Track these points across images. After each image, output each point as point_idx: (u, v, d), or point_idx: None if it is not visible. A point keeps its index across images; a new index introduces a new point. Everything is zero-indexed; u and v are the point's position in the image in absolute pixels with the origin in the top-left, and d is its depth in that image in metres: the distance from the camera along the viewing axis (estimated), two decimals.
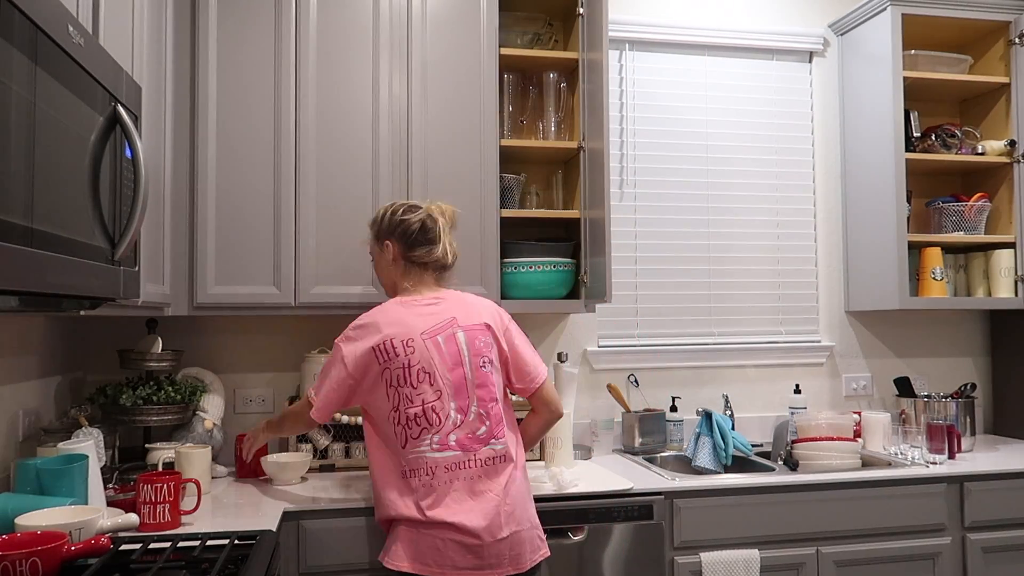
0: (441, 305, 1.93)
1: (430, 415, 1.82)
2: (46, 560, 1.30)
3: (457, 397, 1.84)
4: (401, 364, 1.84)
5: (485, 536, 1.77)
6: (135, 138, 1.44)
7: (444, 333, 1.88)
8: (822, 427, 2.52)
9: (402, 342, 1.85)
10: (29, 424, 2.02)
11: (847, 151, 3.09)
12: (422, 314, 1.90)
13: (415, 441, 1.82)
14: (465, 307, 1.94)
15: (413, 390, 1.83)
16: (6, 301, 1.24)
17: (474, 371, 1.87)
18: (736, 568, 2.20)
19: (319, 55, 2.37)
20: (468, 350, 1.88)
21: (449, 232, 2.03)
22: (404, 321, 1.88)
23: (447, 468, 1.80)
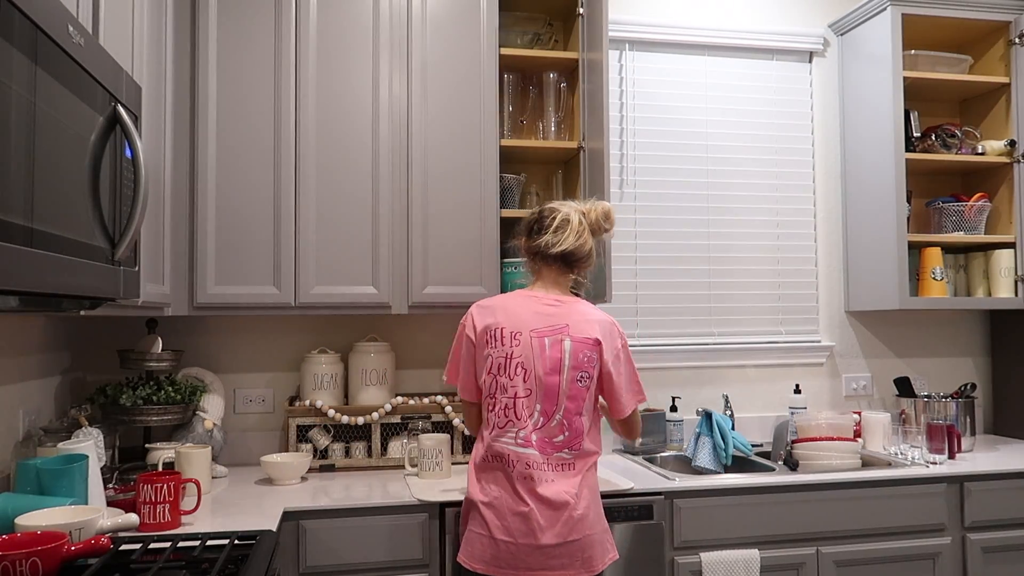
0: (560, 308, 1.91)
1: (519, 409, 1.85)
2: (46, 560, 1.30)
3: (545, 400, 1.85)
4: (504, 354, 1.87)
5: (549, 538, 1.78)
6: (135, 138, 1.44)
7: (553, 337, 1.88)
8: (822, 427, 2.52)
9: (511, 333, 1.88)
10: (29, 424, 2.02)
11: (847, 151, 3.09)
12: (538, 312, 1.90)
13: (500, 430, 1.85)
14: (582, 317, 1.91)
15: (509, 380, 1.86)
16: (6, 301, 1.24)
17: (569, 383, 1.87)
18: (736, 568, 2.20)
19: (319, 55, 2.37)
20: (570, 360, 1.87)
21: (578, 226, 1.95)
22: (519, 314, 1.90)
23: (527, 464, 1.82)
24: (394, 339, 2.73)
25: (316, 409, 2.45)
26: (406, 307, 2.40)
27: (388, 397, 2.56)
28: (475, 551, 1.81)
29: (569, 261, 1.95)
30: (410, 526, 2.06)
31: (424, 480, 2.30)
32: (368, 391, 2.53)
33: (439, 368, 2.77)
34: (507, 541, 1.78)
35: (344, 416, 2.46)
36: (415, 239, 2.40)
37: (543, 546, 1.77)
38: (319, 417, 2.46)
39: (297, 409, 2.46)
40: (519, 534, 1.78)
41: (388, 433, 2.54)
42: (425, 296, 2.40)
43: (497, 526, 1.79)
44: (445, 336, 2.77)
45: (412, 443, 2.42)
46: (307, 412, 2.46)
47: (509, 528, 1.79)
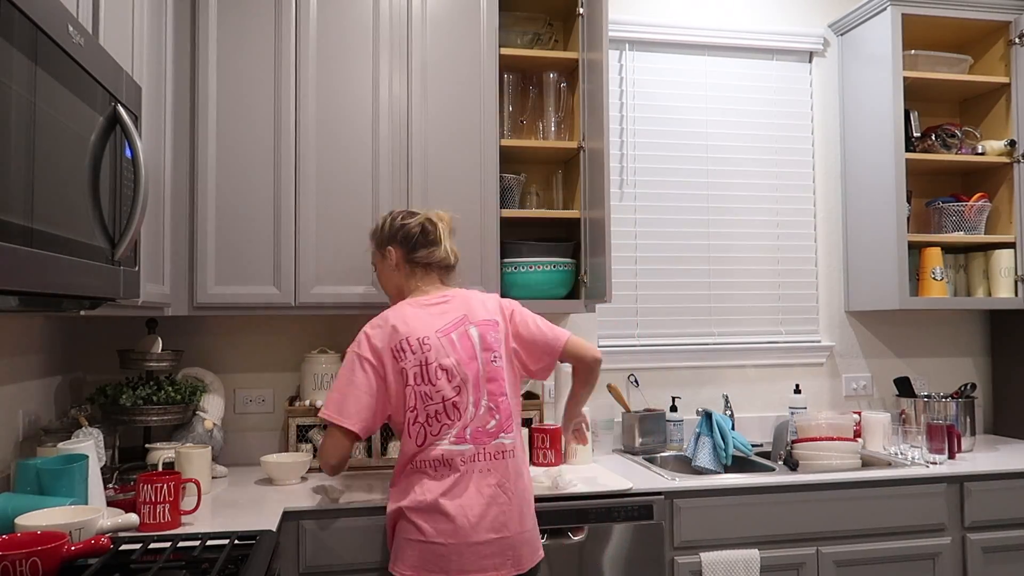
0: (451, 303, 1.97)
1: (451, 410, 1.85)
2: (46, 560, 1.30)
3: (474, 391, 1.87)
4: (419, 361, 1.86)
5: (484, 534, 1.78)
6: (135, 138, 1.44)
7: (458, 330, 1.91)
8: (822, 427, 2.52)
9: (418, 340, 1.88)
10: (29, 424, 2.02)
11: (847, 151, 3.09)
12: (433, 313, 1.93)
13: (435, 437, 1.84)
14: (473, 303, 1.97)
15: (432, 387, 1.85)
16: (6, 301, 1.24)
17: (485, 365, 1.90)
18: (736, 568, 2.20)
19: (319, 55, 2.37)
20: (480, 344, 1.91)
21: (449, 236, 2.07)
22: (418, 319, 1.91)
23: (463, 461, 1.82)
24: None
25: (316, 409, 2.45)
26: None
27: None
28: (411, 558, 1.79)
29: (452, 269, 2.08)
30: None
31: None
32: None
33: None
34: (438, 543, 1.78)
35: None
36: None
37: (470, 543, 1.77)
38: (319, 417, 2.46)
39: (297, 409, 2.46)
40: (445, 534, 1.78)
41: (388, 433, 2.54)
42: None
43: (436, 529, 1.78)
44: None
45: None
46: (307, 412, 2.46)
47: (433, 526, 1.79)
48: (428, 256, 2.03)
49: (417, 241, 2.03)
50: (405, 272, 2.05)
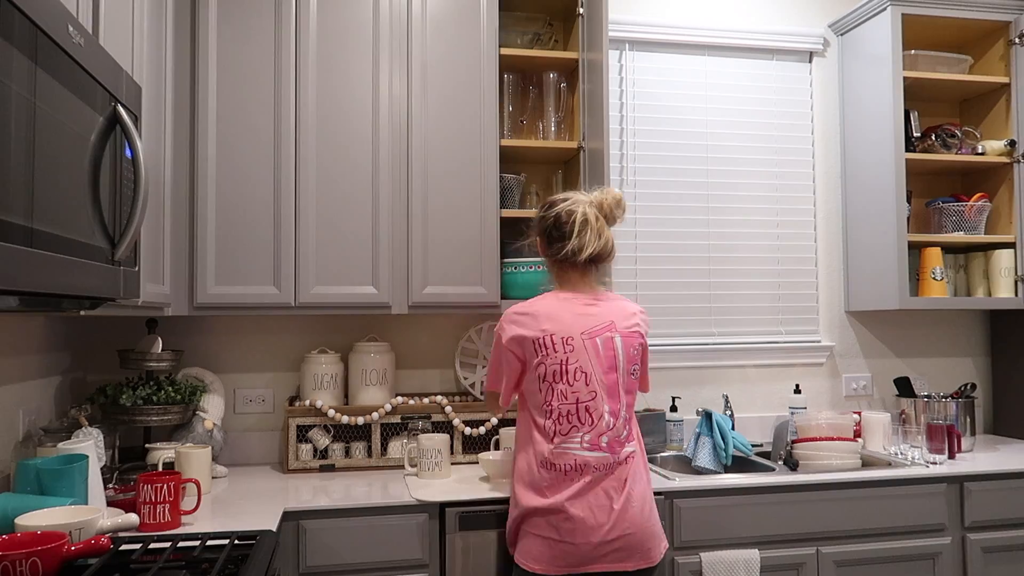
0: (600, 307, 1.92)
1: (583, 414, 1.84)
2: (46, 560, 1.30)
3: (610, 400, 1.87)
4: (559, 360, 1.85)
5: (611, 533, 1.81)
6: (135, 138, 1.44)
7: (603, 336, 1.89)
8: (822, 427, 2.52)
9: (562, 339, 1.86)
10: (29, 424, 2.02)
11: (847, 151, 3.09)
12: (582, 313, 1.89)
13: (563, 437, 1.84)
14: (621, 312, 1.94)
15: (568, 387, 1.84)
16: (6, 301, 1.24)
17: (626, 377, 1.90)
18: (736, 568, 2.20)
19: (319, 55, 2.37)
20: (623, 356, 1.89)
21: (596, 223, 1.91)
22: (563, 318, 1.88)
23: (596, 468, 1.83)
24: (394, 339, 2.73)
25: (316, 409, 2.45)
26: (406, 307, 2.40)
27: (388, 397, 2.56)
28: (541, 554, 1.82)
29: (596, 262, 1.95)
30: (410, 526, 2.06)
31: (424, 480, 2.30)
32: (368, 391, 2.53)
33: (439, 368, 2.76)
34: (568, 543, 1.80)
35: (344, 416, 2.46)
36: (415, 239, 2.40)
37: (601, 542, 1.80)
38: (319, 417, 2.46)
39: (297, 409, 2.46)
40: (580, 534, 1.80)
41: (388, 433, 2.54)
42: (425, 296, 2.40)
43: (563, 529, 1.80)
44: (445, 336, 2.77)
45: (412, 443, 2.42)
46: (307, 412, 2.46)
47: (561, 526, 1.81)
48: (559, 251, 1.93)
49: (551, 235, 1.95)
50: (549, 264, 1.99)
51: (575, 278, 1.96)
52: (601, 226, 1.92)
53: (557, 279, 1.98)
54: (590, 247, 1.90)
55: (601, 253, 1.92)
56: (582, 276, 1.96)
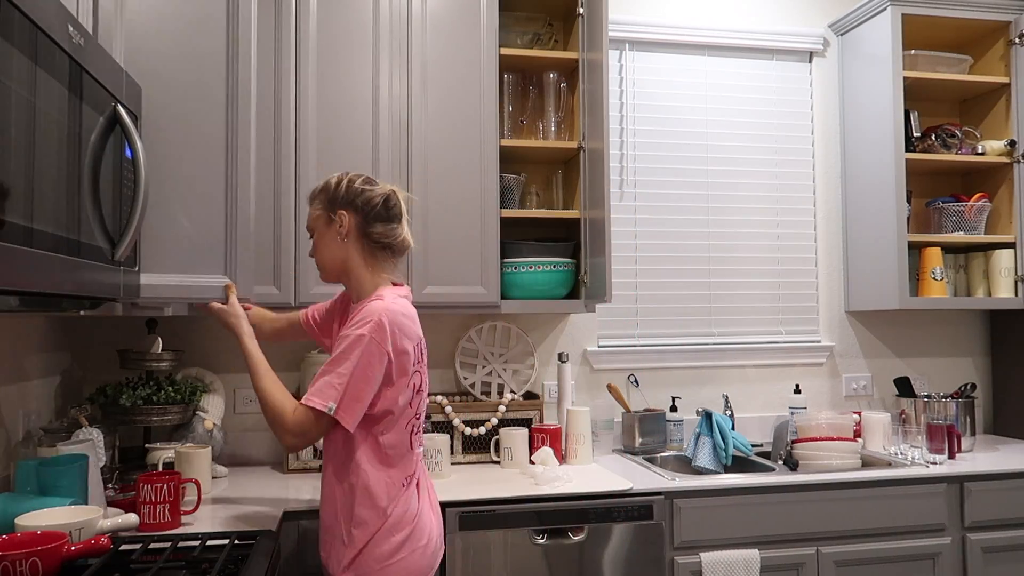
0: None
1: (422, 416, 1.83)
2: (46, 560, 1.30)
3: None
4: (422, 370, 1.78)
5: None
6: (135, 138, 1.44)
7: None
8: (822, 427, 2.52)
9: (422, 347, 1.79)
10: (29, 424, 2.01)
11: (847, 151, 3.09)
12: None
13: (421, 447, 1.83)
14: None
15: (422, 398, 1.80)
16: (6, 301, 1.24)
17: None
18: (736, 568, 2.20)
19: (319, 55, 2.37)
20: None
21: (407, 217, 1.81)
22: (417, 320, 1.77)
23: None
24: None
25: None
26: None
27: None
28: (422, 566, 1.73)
29: (404, 251, 1.81)
30: None
31: None
32: None
33: (439, 368, 2.76)
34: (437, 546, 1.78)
35: None
36: (414, 239, 2.40)
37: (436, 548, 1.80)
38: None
39: None
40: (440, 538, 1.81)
41: None
42: (425, 296, 2.40)
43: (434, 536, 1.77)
44: (445, 336, 2.76)
45: None
46: None
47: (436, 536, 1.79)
48: (388, 233, 1.74)
49: (377, 213, 1.72)
50: (357, 248, 1.73)
51: (392, 270, 1.79)
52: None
53: (370, 265, 1.75)
54: (411, 237, 1.80)
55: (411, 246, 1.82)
56: (394, 264, 1.80)
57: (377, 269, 1.76)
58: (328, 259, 1.77)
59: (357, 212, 1.73)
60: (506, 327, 2.78)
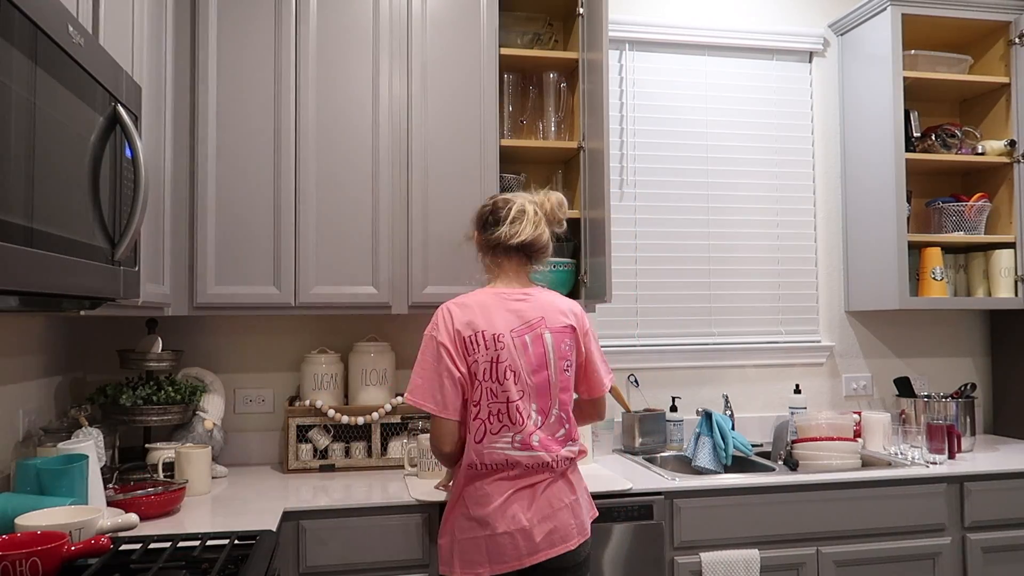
0: (530, 302, 1.90)
1: (513, 413, 1.82)
2: (46, 560, 1.30)
3: (539, 399, 1.84)
4: (490, 358, 1.82)
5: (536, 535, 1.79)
6: (135, 138, 1.44)
7: (532, 333, 1.86)
8: (822, 427, 2.52)
9: (493, 336, 1.82)
10: (29, 424, 2.02)
11: (847, 151, 3.09)
12: (512, 310, 1.87)
13: (494, 436, 1.81)
14: (552, 307, 1.91)
15: (499, 386, 1.81)
16: (6, 301, 1.24)
17: (558, 374, 1.87)
18: (736, 568, 2.20)
19: (319, 55, 2.37)
20: (554, 353, 1.87)
21: (534, 216, 1.94)
22: (496, 313, 1.85)
23: (528, 468, 1.81)
24: (394, 339, 2.73)
25: (316, 409, 2.45)
26: (406, 307, 2.40)
27: (388, 397, 2.55)
28: (476, 556, 1.78)
29: (529, 252, 1.94)
30: (410, 526, 2.06)
31: (424, 480, 2.29)
32: (368, 391, 2.53)
33: None
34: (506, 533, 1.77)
35: (344, 416, 2.46)
36: (415, 239, 2.40)
37: (538, 541, 1.78)
38: (319, 417, 2.46)
39: (297, 409, 2.46)
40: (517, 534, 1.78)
41: (388, 433, 2.54)
42: (425, 296, 2.40)
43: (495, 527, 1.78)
44: None
45: (412, 443, 2.42)
46: (307, 412, 2.46)
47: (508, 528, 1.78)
48: (495, 237, 1.93)
49: (487, 220, 1.96)
50: (487, 256, 1.97)
51: (508, 269, 1.94)
52: (539, 219, 1.94)
53: (490, 270, 1.97)
54: (523, 234, 1.91)
55: (534, 243, 1.93)
56: (516, 268, 1.95)
57: (495, 271, 1.97)
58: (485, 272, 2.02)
59: (479, 228, 2.00)
60: None
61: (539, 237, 1.94)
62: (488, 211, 1.97)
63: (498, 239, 1.92)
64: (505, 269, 1.95)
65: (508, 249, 1.93)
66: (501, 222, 1.93)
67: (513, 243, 1.92)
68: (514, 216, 1.92)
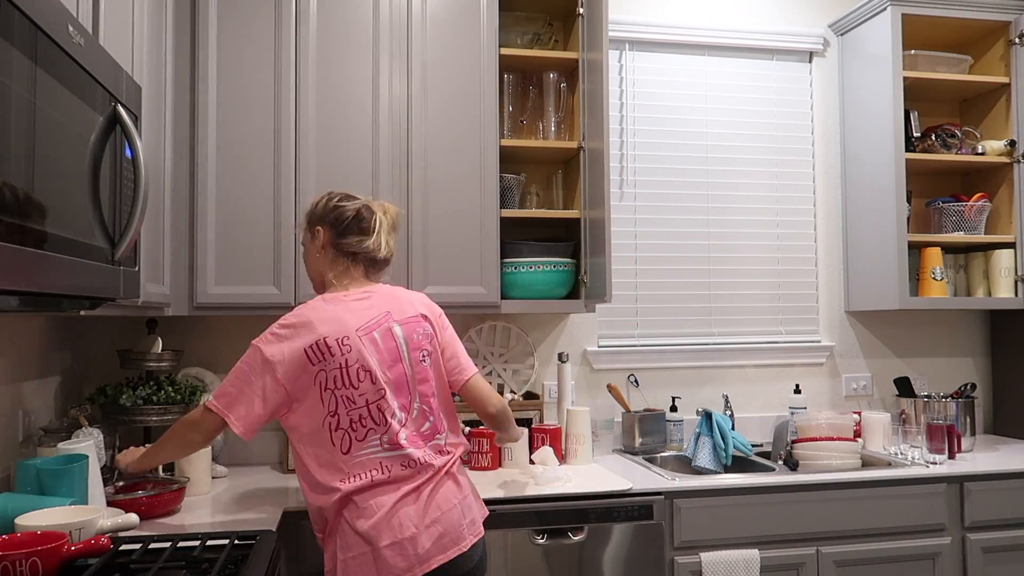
0: (373, 299, 1.82)
1: (375, 414, 1.72)
2: (46, 560, 1.30)
3: (399, 395, 1.76)
4: (338, 364, 1.71)
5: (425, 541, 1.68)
6: (135, 138, 1.44)
7: (380, 328, 1.78)
8: (822, 427, 2.52)
9: (337, 340, 1.72)
10: (29, 424, 2.02)
11: (847, 151, 3.09)
12: (354, 310, 1.78)
13: (360, 443, 1.71)
14: (397, 300, 1.85)
15: (354, 390, 1.71)
16: (6, 301, 1.24)
17: (414, 366, 1.79)
18: (736, 568, 2.20)
19: (319, 55, 2.37)
20: (406, 344, 1.80)
21: (389, 230, 1.90)
22: (337, 318, 1.75)
23: (403, 466, 1.71)
24: None
25: None
26: None
27: None
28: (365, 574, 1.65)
29: (381, 265, 1.90)
30: None
31: None
32: None
33: None
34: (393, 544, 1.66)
35: None
36: (415, 239, 2.40)
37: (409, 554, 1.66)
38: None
39: None
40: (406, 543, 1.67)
41: None
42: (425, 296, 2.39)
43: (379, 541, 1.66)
44: None
45: None
46: None
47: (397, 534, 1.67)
48: (356, 245, 1.85)
49: (348, 227, 1.85)
50: (330, 257, 1.86)
51: (355, 274, 1.87)
52: (390, 232, 1.91)
53: (334, 275, 1.87)
54: (385, 249, 1.88)
55: (388, 257, 1.90)
56: (359, 276, 1.87)
57: (340, 278, 1.87)
58: (313, 272, 1.93)
59: (331, 228, 1.87)
60: (506, 327, 2.78)
61: (391, 252, 1.91)
62: (349, 216, 1.86)
63: (365, 250, 1.85)
64: (352, 275, 1.87)
65: (367, 260, 1.87)
66: (369, 232, 1.86)
67: (380, 256, 1.87)
68: (377, 227, 1.87)
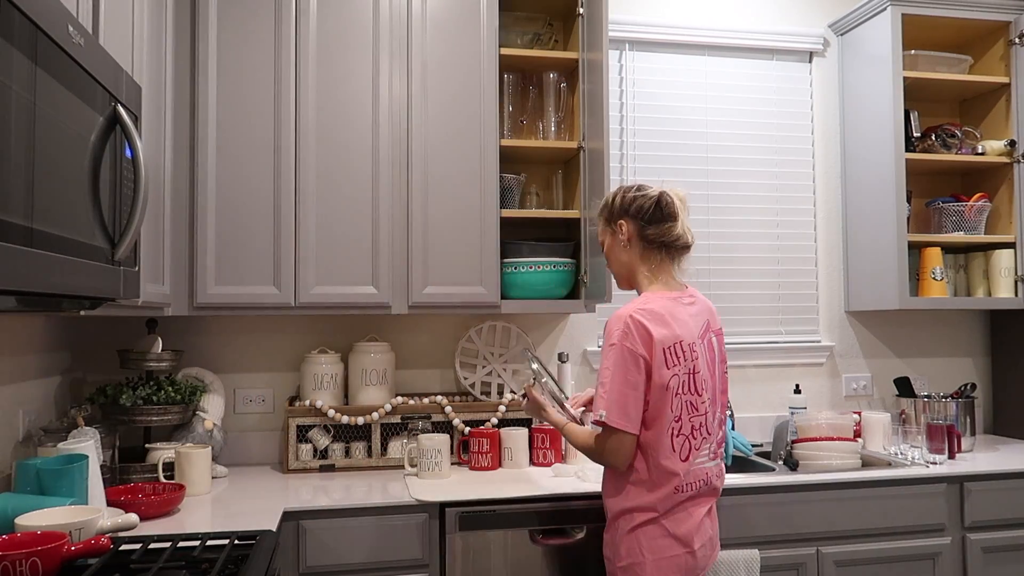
0: (697, 305, 1.82)
1: (710, 424, 1.76)
2: (46, 560, 1.30)
3: (713, 405, 1.79)
4: (688, 370, 1.71)
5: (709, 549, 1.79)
6: (135, 138, 1.44)
7: (706, 337, 1.80)
8: (822, 427, 2.52)
9: (688, 345, 1.72)
10: (29, 424, 2.02)
11: (847, 151, 3.09)
12: (692, 314, 1.78)
13: (696, 452, 1.74)
14: (711, 309, 1.87)
15: (697, 397, 1.72)
16: (6, 301, 1.24)
17: (721, 377, 1.84)
18: (737, 568, 2.20)
19: (319, 55, 2.37)
20: (718, 356, 1.83)
21: (686, 214, 1.85)
22: (684, 321, 1.75)
23: (717, 478, 1.80)
24: (394, 339, 2.73)
25: (316, 409, 2.45)
26: (406, 307, 2.40)
27: (388, 397, 2.55)
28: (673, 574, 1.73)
29: (685, 253, 1.85)
30: (410, 526, 2.06)
31: (424, 480, 2.29)
32: (368, 391, 2.53)
33: (439, 368, 2.76)
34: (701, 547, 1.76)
35: (344, 416, 2.45)
36: (415, 239, 2.40)
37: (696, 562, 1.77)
38: (319, 417, 2.46)
39: (297, 409, 2.46)
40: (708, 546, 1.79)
41: (388, 433, 2.54)
42: (425, 296, 2.40)
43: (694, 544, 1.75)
44: (445, 336, 2.77)
45: (412, 443, 2.42)
46: (307, 412, 2.46)
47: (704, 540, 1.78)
48: (666, 232, 1.80)
49: (652, 215, 1.80)
50: (639, 250, 1.82)
51: (667, 268, 1.82)
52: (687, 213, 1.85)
53: (647, 269, 1.83)
54: (690, 233, 1.83)
55: (693, 242, 1.85)
56: (671, 267, 1.83)
57: (656, 271, 1.83)
58: (619, 267, 1.89)
59: (634, 219, 1.82)
60: (506, 327, 2.78)
61: (691, 231, 1.85)
62: (652, 204, 1.80)
63: (674, 237, 1.80)
64: (665, 269, 1.83)
65: (673, 248, 1.82)
66: (675, 217, 1.80)
67: (688, 243, 1.82)
68: (679, 211, 1.81)
